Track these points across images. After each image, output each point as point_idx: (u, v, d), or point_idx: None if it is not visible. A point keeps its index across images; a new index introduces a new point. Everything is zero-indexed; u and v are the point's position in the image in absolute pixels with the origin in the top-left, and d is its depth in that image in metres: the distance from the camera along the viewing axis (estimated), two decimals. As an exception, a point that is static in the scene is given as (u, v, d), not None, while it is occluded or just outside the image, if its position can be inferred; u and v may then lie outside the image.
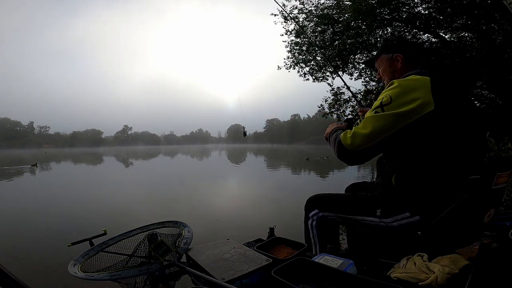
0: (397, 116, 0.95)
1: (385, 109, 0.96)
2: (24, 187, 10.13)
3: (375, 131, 0.96)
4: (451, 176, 0.98)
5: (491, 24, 5.10)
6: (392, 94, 0.98)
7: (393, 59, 1.20)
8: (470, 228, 1.03)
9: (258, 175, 13.06)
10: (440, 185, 0.99)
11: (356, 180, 7.65)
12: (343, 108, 6.78)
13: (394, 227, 1.07)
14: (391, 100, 0.97)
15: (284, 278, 0.82)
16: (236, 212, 5.55)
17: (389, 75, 1.22)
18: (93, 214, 5.49)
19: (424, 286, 0.78)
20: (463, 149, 0.98)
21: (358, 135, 0.98)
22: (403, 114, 0.94)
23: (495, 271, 0.83)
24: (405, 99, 0.95)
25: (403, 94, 0.97)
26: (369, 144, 0.97)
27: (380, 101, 0.99)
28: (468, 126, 1.01)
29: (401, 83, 1.00)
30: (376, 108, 0.99)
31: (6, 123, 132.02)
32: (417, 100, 0.94)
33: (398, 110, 0.95)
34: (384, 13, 5.50)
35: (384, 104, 0.97)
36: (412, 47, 1.22)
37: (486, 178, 0.97)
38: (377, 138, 0.96)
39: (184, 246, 1.23)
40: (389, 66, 1.21)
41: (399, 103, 0.95)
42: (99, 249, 1.26)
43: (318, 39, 6.34)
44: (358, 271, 0.94)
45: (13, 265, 2.99)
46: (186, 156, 34.85)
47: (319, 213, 1.28)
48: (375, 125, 0.96)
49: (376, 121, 0.97)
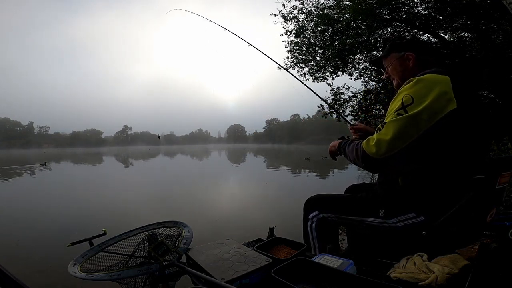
0: (421, 116, 0.91)
1: (408, 110, 0.92)
2: (24, 187, 10.13)
3: (400, 136, 0.92)
4: (457, 176, 0.96)
5: (490, 24, 5.10)
6: (413, 92, 0.94)
7: (404, 58, 1.16)
8: (472, 227, 1.03)
9: (258, 175, 13.06)
10: (446, 185, 0.97)
11: (357, 180, 7.67)
12: (343, 108, 6.77)
13: (398, 227, 1.06)
14: (412, 100, 0.92)
15: (284, 278, 0.82)
16: (236, 212, 5.55)
17: (399, 74, 1.19)
18: (93, 214, 5.49)
19: (424, 286, 0.78)
20: (469, 149, 0.97)
21: (383, 141, 0.94)
22: (427, 113, 0.90)
23: (494, 271, 0.83)
24: (427, 96, 0.92)
25: (424, 91, 0.93)
26: (395, 150, 0.93)
27: (400, 102, 0.95)
28: (477, 127, 1.00)
29: (421, 79, 0.96)
30: (398, 110, 0.94)
31: (6, 123, 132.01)
32: (440, 96, 0.91)
33: (421, 107, 0.90)
34: (384, 13, 5.50)
35: (406, 105, 0.93)
36: (424, 47, 1.20)
37: (490, 178, 0.97)
38: (403, 143, 0.93)
39: (184, 246, 1.22)
40: (400, 65, 1.18)
41: (422, 101, 0.91)
42: (99, 249, 1.26)
43: (318, 39, 6.35)
44: (358, 271, 0.94)
45: (13, 265, 2.99)
46: (186, 156, 34.84)
47: (319, 215, 1.27)
48: (400, 129, 0.92)
49: (400, 124, 0.92)
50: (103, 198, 7.39)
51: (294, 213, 1.58)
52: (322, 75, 6.75)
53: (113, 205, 6.37)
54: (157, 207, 6.17)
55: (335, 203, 1.26)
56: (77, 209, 5.91)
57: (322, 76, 6.76)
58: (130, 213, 5.51)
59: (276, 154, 34.55)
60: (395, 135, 0.92)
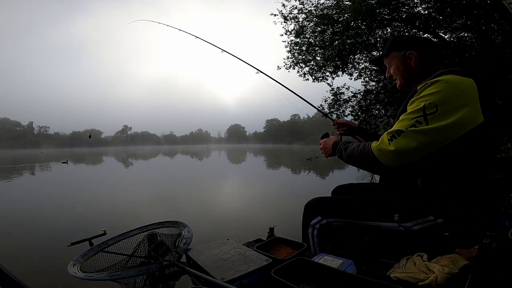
0: (444, 131, 0.84)
1: (430, 120, 0.85)
2: (25, 187, 10.13)
3: (420, 148, 0.86)
4: (476, 177, 0.94)
5: (490, 24, 5.10)
6: (437, 100, 0.86)
7: (406, 57, 1.12)
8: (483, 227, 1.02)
9: (258, 175, 13.06)
10: (466, 186, 0.94)
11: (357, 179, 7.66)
12: (343, 108, 6.78)
13: (415, 230, 1.01)
14: (436, 108, 0.84)
15: (284, 278, 0.82)
16: (236, 212, 5.55)
17: (402, 74, 1.15)
18: (93, 214, 5.49)
19: (423, 286, 0.78)
20: (487, 149, 0.94)
21: (401, 152, 0.87)
22: (450, 130, 0.84)
23: (494, 271, 0.83)
24: (453, 109, 0.84)
25: (449, 102, 0.85)
26: (413, 159, 0.88)
27: (422, 107, 0.87)
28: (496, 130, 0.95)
29: (446, 87, 0.87)
30: (418, 117, 0.86)
31: (5, 123, 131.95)
32: (466, 112, 0.84)
33: (444, 122, 0.84)
34: (383, 13, 5.50)
35: (428, 113, 0.85)
36: (425, 44, 1.14)
37: (507, 177, 0.95)
38: (422, 154, 0.87)
39: (184, 246, 1.22)
40: (402, 64, 1.14)
41: (446, 115, 0.84)
42: (99, 249, 1.26)
43: (317, 39, 6.35)
44: (358, 271, 0.94)
45: (13, 265, 2.99)
46: (186, 156, 34.83)
47: (322, 220, 1.18)
48: (420, 140, 0.85)
49: (421, 136, 0.85)
50: (103, 198, 7.39)
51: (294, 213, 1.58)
52: (322, 75, 6.75)
53: (113, 205, 6.37)
54: (157, 207, 6.17)
55: (340, 207, 1.19)
56: (77, 209, 5.91)
57: (322, 76, 6.75)
58: (130, 213, 5.51)
59: (277, 154, 34.55)
60: (414, 147, 0.86)
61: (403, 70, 1.14)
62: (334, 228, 1.19)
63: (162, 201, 6.85)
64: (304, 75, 6.85)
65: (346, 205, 1.20)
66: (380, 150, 0.92)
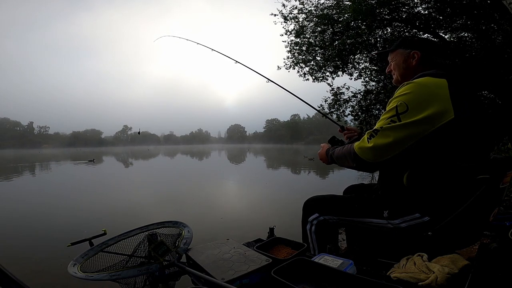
0: (416, 127, 0.92)
1: (402, 118, 0.93)
2: (25, 187, 10.13)
3: (395, 143, 0.94)
4: (462, 176, 0.96)
5: (490, 24, 5.10)
6: (407, 100, 0.94)
7: (410, 56, 1.16)
8: (475, 228, 1.02)
9: (258, 175, 13.06)
10: (452, 185, 0.97)
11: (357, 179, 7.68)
12: (343, 108, 6.78)
13: (402, 228, 1.05)
14: (407, 108, 0.93)
15: (284, 278, 0.82)
16: (236, 212, 5.55)
17: (400, 71, 1.19)
18: (93, 214, 5.49)
19: (423, 286, 0.78)
20: (472, 149, 0.97)
21: (379, 148, 0.96)
22: (421, 125, 0.91)
23: (494, 271, 0.83)
24: (421, 107, 0.92)
25: (419, 101, 0.93)
26: (390, 155, 0.95)
27: (394, 107, 0.96)
28: (480, 128, 0.99)
29: (416, 88, 0.96)
30: (392, 117, 0.95)
31: (5, 123, 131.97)
32: (435, 109, 0.91)
33: (415, 118, 0.92)
34: (384, 13, 5.50)
35: (400, 113, 0.94)
36: (433, 47, 1.18)
37: (495, 177, 0.96)
38: (398, 149, 0.94)
39: (184, 246, 1.22)
40: (404, 61, 1.18)
41: (416, 112, 0.92)
42: (99, 249, 1.26)
43: (318, 39, 6.35)
44: (357, 271, 0.94)
45: (13, 265, 2.99)
46: (187, 156, 34.82)
47: (320, 217, 1.25)
48: (394, 137, 0.94)
49: (394, 132, 0.94)
50: (103, 198, 7.39)
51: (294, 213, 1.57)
52: (322, 75, 6.75)
53: (113, 205, 6.38)
54: (156, 207, 6.17)
55: (336, 205, 1.25)
56: (77, 209, 5.91)
57: (322, 76, 6.76)
58: (130, 213, 5.52)
59: (278, 154, 34.52)
60: (390, 142, 0.94)
61: (403, 67, 1.19)
62: (329, 224, 1.25)
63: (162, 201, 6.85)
64: (304, 75, 6.86)
65: (342, 203, 1.25)
66: (360, 148, 1.01)
